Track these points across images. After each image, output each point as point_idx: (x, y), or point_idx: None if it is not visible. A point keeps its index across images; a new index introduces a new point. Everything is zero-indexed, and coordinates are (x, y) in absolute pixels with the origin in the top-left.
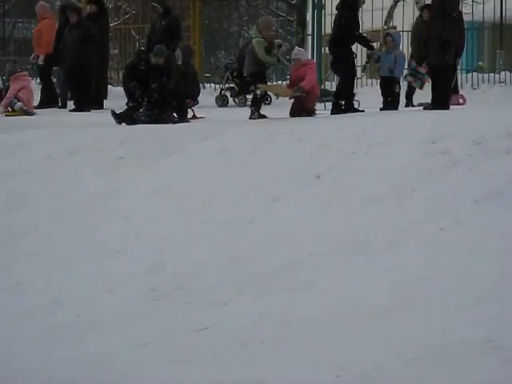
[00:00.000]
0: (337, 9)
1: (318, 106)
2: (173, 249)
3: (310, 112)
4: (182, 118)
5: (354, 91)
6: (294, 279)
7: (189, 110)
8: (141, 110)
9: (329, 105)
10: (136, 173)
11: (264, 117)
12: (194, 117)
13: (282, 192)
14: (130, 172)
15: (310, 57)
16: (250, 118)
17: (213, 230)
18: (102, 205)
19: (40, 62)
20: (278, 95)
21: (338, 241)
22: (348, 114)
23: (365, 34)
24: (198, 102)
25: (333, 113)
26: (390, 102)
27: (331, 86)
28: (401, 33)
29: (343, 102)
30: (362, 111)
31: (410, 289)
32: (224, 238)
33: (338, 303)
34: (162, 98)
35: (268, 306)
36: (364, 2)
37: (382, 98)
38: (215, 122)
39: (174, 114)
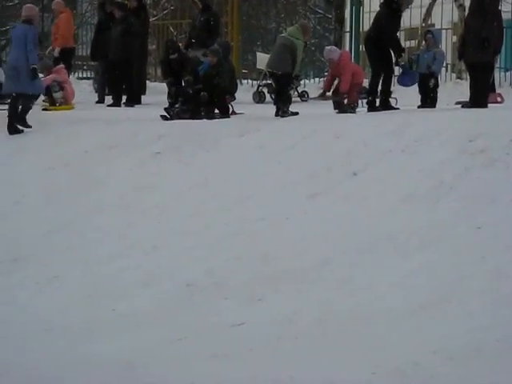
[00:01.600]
0: (380, 7)
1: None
2: (209, 244)
3: (352, 105)
4: (224, 114)
5: (392, 89)
6: (330, 276)
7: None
8: (176, 106)
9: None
10: (173, 168)
11: (296, 113)
12: (234, 113)
13: (318, 189)
14: (167, 167)
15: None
16: (282, 115)
17: (249, 225)
18: (139, 200)
19: (56, 54)
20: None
21: (374, 238)
22: (385, 112)
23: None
24: (235, 98)
25: (369, 110)
26: (427, 100)
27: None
28: (441, 31)
29: (378, 100)
30: (398, 109)
31: (445, 287)
32: (260, 234)
33: (374, 300)
34: (195, 92)
35: (303, 302)
36: (411, 3)
37: (419, 96)
38: (252, 118)
39: (216, 110)
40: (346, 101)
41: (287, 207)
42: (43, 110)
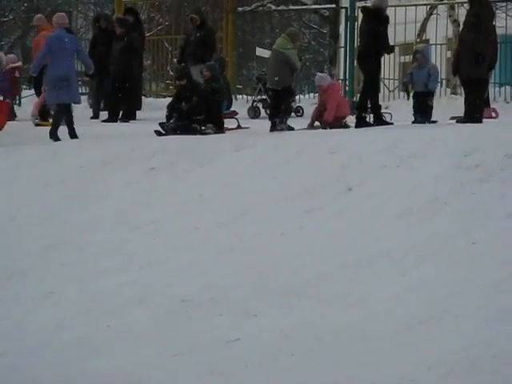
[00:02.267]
0: (361, 23)
1: (351, 119)
2: (205, 260)
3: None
4: (219, 130)
5: (387, 104)
6: (326, 292)
7: (234, 120)
8: (171, 121)
9: None
10: (168, 184)
11: (292, 128)
12: (239, 127)
13: (313, 204)
14: (162, 183)
15: (339, 73)
16: (278, 129)
17: (245, 241)
18: (134, 215)
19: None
20: None
21: (370, 253)
22: (379, 127)
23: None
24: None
25: (357, 126)
26: (422, 116)
27: None
28: (430, 46)
29: (369, 115)
30: (392, 124)
31: (442, 302)
32: (256, 250)
33: (370, 316)
34: (190, 109)
35: (299, 318)
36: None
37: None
38: (247, 133)
39: (211, 125)
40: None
41: (283, 223)
42: (36, 125)
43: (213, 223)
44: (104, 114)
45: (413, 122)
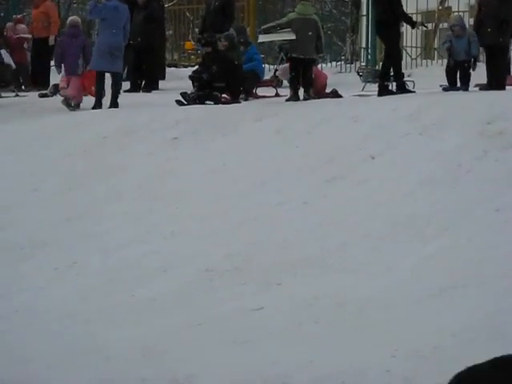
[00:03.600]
0: None
1: (372, 87)
2: (228, 229)
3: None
4: (233, 99)
5: (409, 72)
6: (349, 261)
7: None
8: (192, 91)
9: None
10: (190, 153)
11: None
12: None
13: (336, 173)
14: (185, 153)
15: (361, 41)
16: (304, 98)
17: (268, 210)
18: (157, 185)
19: (51, 42)
20: None
21: (392, 222)
22: (402, 95)
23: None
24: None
25: (380, 94)
26: (463, 84)
27: None
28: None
29: (391, 83)
30: (414, 92)
31: (465, 270)
32: (279, 219)
33: (393, 284)
34: (211, 77)
35: (323, 286)
36: None
37: (437, 79)
38: (269, 102)
39: (225, 95)
40: None
41: (305, 192)
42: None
43: (235, 192)
44: (126, 85)
45: (444, 89)
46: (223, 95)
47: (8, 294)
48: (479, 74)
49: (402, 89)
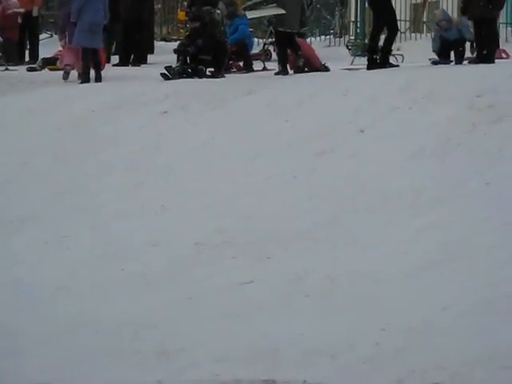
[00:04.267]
0: None
1: (362, 61)
2: (217, 203)
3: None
4: (217, 74)
5: (398, 45)
6: (339, 234)
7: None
8: (176, 65)
9: None
10: (180, 127)
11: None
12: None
13: (326, 146)
14: (174, 126)
15: (350, 15)
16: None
17: (257, 184)
18: (147, 159)
19: (35, 13)
20: None
21: (383, 196)
22: (392, 69)
23: None
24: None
25: (369, 68)
26: (456, 58)
27: None
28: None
29: (378, 56)
30: (398, 66)
31: (455, 243)
32: (268, 193)
33: (383, 258)
34: (197, 51)
35: (313, 260)
36: None
37: (426, 52)
38: (258, 76)
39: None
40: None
41: (295, 165)
42: (49, 69)
43: (225, 166)
44: (115, 58)
45: (433, 63)
46: (208, 70)
47: None
48: (467, 48)
49: (386, 62)
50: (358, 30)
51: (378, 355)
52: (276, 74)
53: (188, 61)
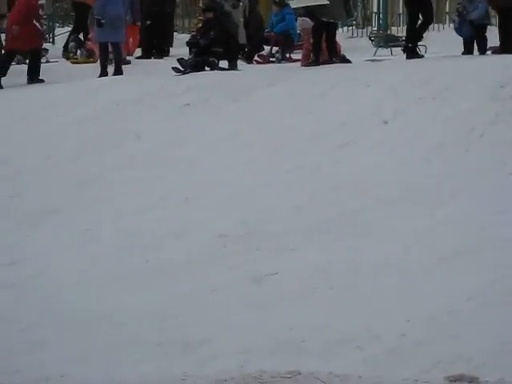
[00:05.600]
0: None
1: (384, 52)
2: (241, 195)
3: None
4: (232, 67)
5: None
6: (362, 225)
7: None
8: (189, 57)
9: (395, 50)
10: (203, 119)
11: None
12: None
13: (349, 138)
14: (197, 119)
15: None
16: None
17: (280, 176)
18: (170, 152)
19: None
20: None
21: (405, 187)
22: (415, 60)
23: None
24: (263, 48)
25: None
26: (478, 48)
27: (397, 31)
28: None
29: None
30: (422, 57)
31: (478, 234)
32: (292, 185)
33: (407, 249)
34: (209, 43)
35: (336, 252)
36: None
37: (449, 43)
38: (281, 67)
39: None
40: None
41: (318, 157)
42: (72, 63)
43: (248, 158)
44: (138, 51)
45: (462, 53)
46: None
47: (21, 261)
48: (491, 38)
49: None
50: (381, 21)
51: (402, 346)
52: (306, 65)
53: (199, 53)
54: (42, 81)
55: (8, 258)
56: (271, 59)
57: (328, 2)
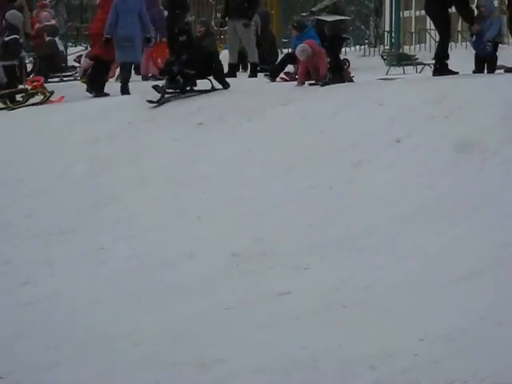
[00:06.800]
0: None
1: (397, 70)
2: (254, 214)
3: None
4: (223, 84)
5: (433, 54)
6: (376, 244)
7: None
8: (163, 84)
9: (407, 69)
10: (216, 138)
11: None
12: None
13: (362, 157)
14: (210, 138)
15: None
16: (332, 83)
17: (294, 194)
18: (183, 171)
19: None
20: None
21: (419, 205)
22: (428, 78)
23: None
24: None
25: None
26: (487, 66)
27: (409, 49)
28: None
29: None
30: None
31: (493, 252)
32: (305, 203)
33: (421, 267)
34: (182, 67)
35: (350, 270)
36: None
37: (461, 61)
38: (294, 87)
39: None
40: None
41: (332, 175)
42: (83, 82)
43: (262, 177)
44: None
45: (474, 72)
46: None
47: (36, 280)
48: (503, 57)
49: (443, 69)
50: (393, 40)
51: (416, 366)
52: (327, 83)
53: (173, 79)
54: (107, 94)
55: (23, 277)
56: (296, 76)
57: (348, 18)
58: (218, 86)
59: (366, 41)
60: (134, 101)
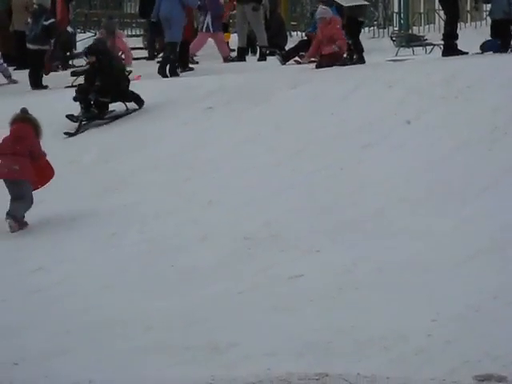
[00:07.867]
0: None
1: (406, 51)
2: (264, 197)
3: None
4: (139, 104)
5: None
6: (387, 225)
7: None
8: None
9: (417, 50)
10: (225, 123)
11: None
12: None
13: (372, 139)
14: (220, 122)
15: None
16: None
17: (304, 178)
18: (193, 155)
19: None
20: None
21: (429, 186)
22: (437, 58)
23: None
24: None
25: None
26: (502, 45)
27: (419, 30)
28: None
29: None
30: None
31: (504, 231)
32: (315, 186)
33: (431, 248)
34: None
35: (361, 252)
36: None
37: (470, 43)
38: (303, 69)
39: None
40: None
41: (341, 158)
42: None
43: (271, 161)
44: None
45: (482, 52)
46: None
47: (48, 266)
48: None
49: (451, 49)
50: (402, 21)
51: (430, 346)
52: (353, 63)
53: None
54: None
55: (35, 263)
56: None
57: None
58: (132, 105)
59: (375, 22)
60: (142, 86)
